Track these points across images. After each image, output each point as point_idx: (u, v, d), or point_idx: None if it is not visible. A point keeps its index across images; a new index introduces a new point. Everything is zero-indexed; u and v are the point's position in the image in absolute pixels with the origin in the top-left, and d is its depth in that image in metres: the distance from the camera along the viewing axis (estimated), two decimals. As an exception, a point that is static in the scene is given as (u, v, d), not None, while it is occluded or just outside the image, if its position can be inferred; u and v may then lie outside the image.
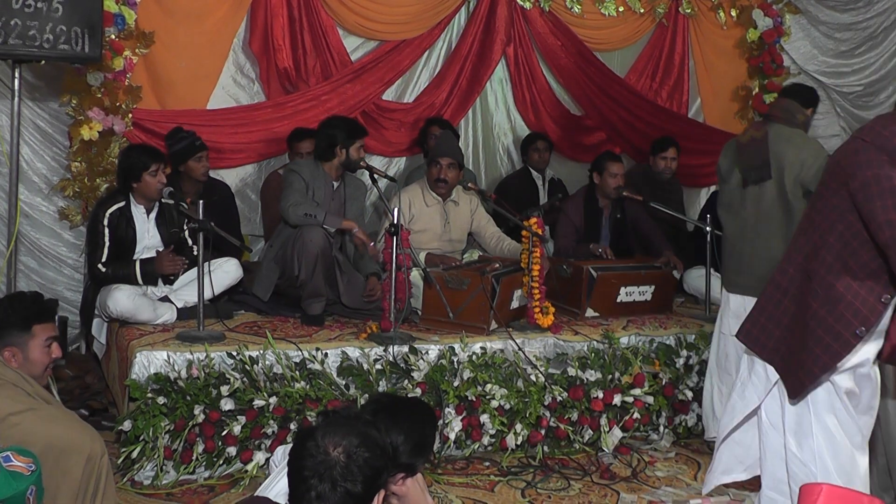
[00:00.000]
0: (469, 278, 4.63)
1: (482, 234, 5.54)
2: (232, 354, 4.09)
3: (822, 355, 2.66)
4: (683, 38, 7.31)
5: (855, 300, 2.64)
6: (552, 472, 4.28)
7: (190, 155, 5.25)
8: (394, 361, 4.30)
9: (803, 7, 7.50)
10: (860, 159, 2.59)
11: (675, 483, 4.24)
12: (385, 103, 6.51)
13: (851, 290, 2.64)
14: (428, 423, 2.70)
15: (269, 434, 4.02)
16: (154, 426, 3.84)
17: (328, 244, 4.75)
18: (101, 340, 4.86)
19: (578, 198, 5.91)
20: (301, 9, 6.07)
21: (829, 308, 2.66)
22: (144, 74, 5.62)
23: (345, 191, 5.06)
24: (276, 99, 6.10)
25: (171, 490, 3.87)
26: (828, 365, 2.67)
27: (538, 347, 4.62)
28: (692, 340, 4.89)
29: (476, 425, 4.34)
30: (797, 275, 2.78)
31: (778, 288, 2.84)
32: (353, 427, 2.09)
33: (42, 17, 4.40)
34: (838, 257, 2.66)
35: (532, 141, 6.63)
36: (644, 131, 7.10)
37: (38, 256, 5.49)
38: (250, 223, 6.18)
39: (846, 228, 2.64)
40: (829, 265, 2.67)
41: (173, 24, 5.70)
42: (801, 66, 7.61)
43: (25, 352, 3.11)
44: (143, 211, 4.77)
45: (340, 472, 2.01)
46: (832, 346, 2.65)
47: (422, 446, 2.60)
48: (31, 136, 5.40)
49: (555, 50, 6.89)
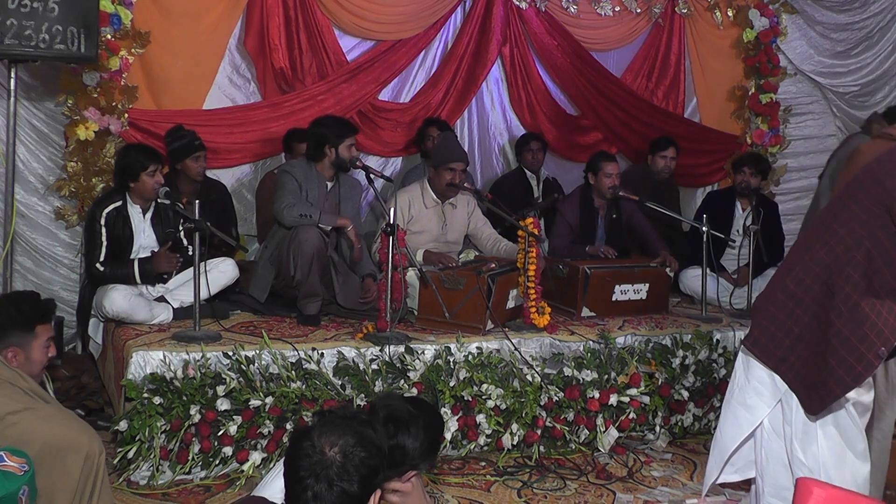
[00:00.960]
0: (465, 278, 4.63)
1: (479, 237, 5.54)
2: (228, 354, 4.09)
3: (846, 376, 2.61)
4: (680, 37, 7.32)
5: (878, 320, 2.59)
6: (548, 472, 4.28)
7: (188, 154, 5.25)
8: (390, 361, 4.30)
9: (800, 7, 7.52)
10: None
11: (671, 483, 4.25)
12: (381, 103, 6.52)
13: (875, 309, 2.59)
14: (438, 424, 2.71)
15: (266, 434, 4.02)
16: (150, 426, 3.84)
17: (324, 244, 4.75)
18: (97, 340, 4.85)
19: (574, 198, 5.91)
20: (297, 9, 6.07)
21: (852, 327, 2.60)
22: (140, 74, 5.62)
23: (340, 191, 5.05)
24: (272, 99, 6.11)
25: (167, 490, 3.87)
26: (850, 386, 2.63)
27: (534, 347, 4.63)
28: (688, 340, 4.89)
29: (472, 425, 4.34)
30: (815, 286, 2.71)
31: (792, 297, 2.77)
32: (349, 427, 2.09)
33: (38, 17, 4.40)
34: (864, 275, 2.60)
35: (526, 142, 6.64)
36: (640, 131, 7.11)
37: (35, 256, 5.49)
38: (246, 223, 6.17)
39: (874, 246, 2.58)
40: (854, 283, 2.61)
41: (169, 23, 5.70)
42: (798, 66, 7.62)
43: (28, 352, 3.12)
44: (140, 210, 4.76)
45: (336, 472, 2.01)
46: (856, 368, 2.60)
47: (434, 446, 2.62)
48: (27, 135, 5.40)
49: (551, 50, 6.90)
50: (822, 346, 2.67)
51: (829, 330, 2.65)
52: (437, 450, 2.69)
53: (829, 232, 2.72)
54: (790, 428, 2.84)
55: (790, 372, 2.79)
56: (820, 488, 2.11)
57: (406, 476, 2.48)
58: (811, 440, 2.78)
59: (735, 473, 3.13)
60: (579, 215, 5.81)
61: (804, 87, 7.74)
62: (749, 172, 6.04)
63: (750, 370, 2.96)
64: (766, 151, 7.43)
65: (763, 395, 2.92)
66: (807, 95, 7.76)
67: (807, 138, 7.74)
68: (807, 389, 2.74)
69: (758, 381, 2.92)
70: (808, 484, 2.09)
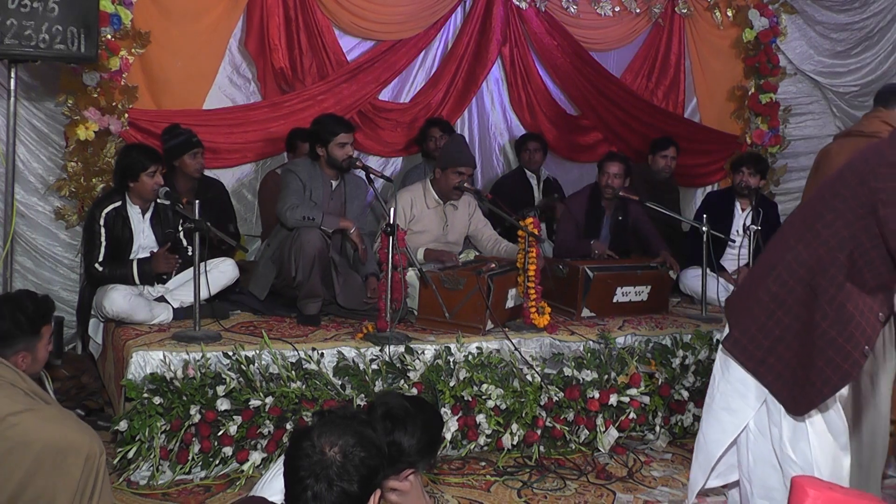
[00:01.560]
0: (465, 278, 4.63)
1: (479, 238, 5.53)
2: (228, 354, 4.09)
3: (833, 376, 2.62)
4: (679, 37, 7.33)
5: (862, 319, 2.61)
6: (548, 473, 4.28)
7: (185, 150, 5.24)
8: (390, 361, 4.30)
9: (799, 7, 7.52)
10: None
11: (671, 483, 4.25)
12: (381, 103, 6.52)
13: (859, 308, 2.61)
14: (437, 423, 2.72)
15: (266, 434, 4.02)
16: (150, 426, 3.84)
17: (325, 245, 4.74)
18: (97, 340, 4.85)
19: (583, 195, 5.92)
20: (297, 9, 6.07)
21: (839, 328, 2.61)
22: (140, 74, 5.62)
23: (345, 190, 5.04)
24: (273, 99, 6.11)
25: (167, 490, 3.87)
26: (838, 386, 2.64)
27: (534, 347, 4.63)
28: (688, 340, 4.89)
29: (472, 425, 4.34)
30: (798, 288, 2.71)
31: (774, 298, 2.76)
32: (349, 427, 2.09)
33: (38, 17, 4.40)
34: (847, 276, 2.61)
35: (524, 142, 6.64)
36: (640, 131, 7.11)
37: (35, 256, 5.49)
38: (246, 223, 6.18)
39: (856, 247, 2.59)
40: (839, 284, 2.62)
41: (169, 23, 5.70)
42: (798, 66, 7.62)
43: (34, 353, 3.13)
44: (139, 211, 4.76)
45: (336, 472, 2.01)
46: (842, 367, 2.61)
47: (432, 445, 2.62)
48: (27, 135, 5.40)
49: (551, 50, 6.90)
50: (808, 348, 2.67)
51: (814, 332, 2.65)
52: (436, 449, 2.69)
53: (811, 232, 2.71)
54: (777, 429, 2.83)
55: (769, 374, 2.79)
56: (816, 489, 2.10)
57: (403, 474, 2.48)
58: (800, 438, 2.78)
59: (717, 479, 3.11)
60: (585, 213, 5.82)
61: (804, 87, 7.74)
62: (748, 172, 6.03)
63: (730, 372, 2.94)
64: (766, 151, 7.43)
65: (747, 398, 2.90)
66: (807, 95, 7.76)
67: (807, 138, 7.74)
68: (790, 390, 2.74)
69: (740, 382, 2.91)
70: (804, 485, 2.08)
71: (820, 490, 2.06)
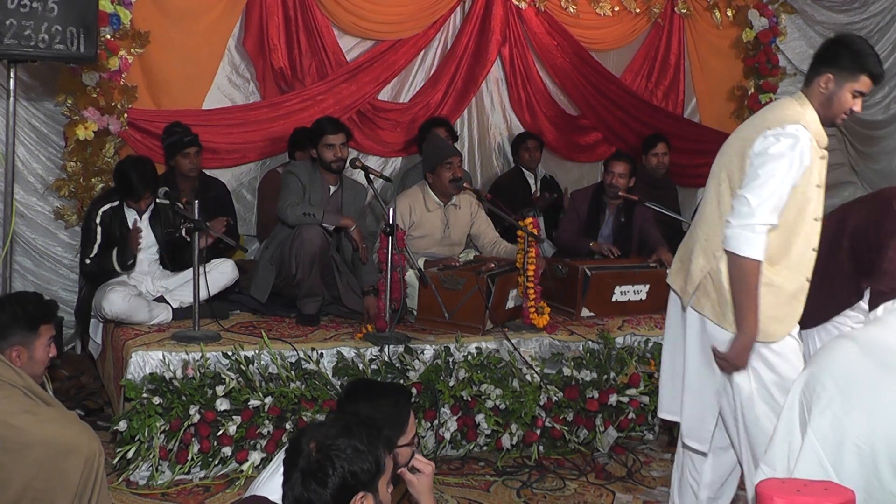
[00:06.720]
0: (464, 278, 4.63)
1: (480, 238, 5.50)
2: (227, 354, 4.09)
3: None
4: (679, 37, 7.32)
5: None
6: (548, 473, 4.28)
7: (177, 151, 5.24)
8: (389, 361, 4.31)
9: (799, 7, 7.51)
10: None
11: (670, 483, 4.24)
12: (381, 103, 6.52)
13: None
14: (402, 398, 2.76)
15: (265, 434, 4.02)
16: (149, 426, 3.84)
17: (326, 244, 4.74)
18: (96, 340, 4.85)
19: (588, 191, 5.90)
20: (296, 9, 6.06)
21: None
22: (140, 74, 5.62)
23: (342, 195, 5.02)
24: (272, 99, 6.10)
25: (166, 490, 3.88)
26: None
27: (533, 347, 4.62)
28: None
29: (471, 425, 4.34)
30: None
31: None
32: (337, 426, 2.14)
33: (37, 17, 4.39)
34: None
35: (522, 140, 6.63)
36: (640, 131, 7.09)
37: (34, 256, 5.49)
38: (246, 223, 6.17)
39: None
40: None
41: (168, 23, 5.70)
42: (797, 67, 7.60)
43: (31, 351, 3.12)
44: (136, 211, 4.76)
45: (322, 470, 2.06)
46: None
47: (397, 419, 2.64)
48: (26, 136, 5.40)
49: (550, 50, 6.90)
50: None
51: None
52: (402, 424, 2.66)
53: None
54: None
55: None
56: (782, 497, 2.04)
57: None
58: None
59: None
60: (588, 208, 5.80)
61: (804, 87, 7.73)
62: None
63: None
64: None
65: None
66: (806, 95, 7.74)
67: (806, 138, 7.72)
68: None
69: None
70: (771, 494, 2.03)
71: (786, 496, 2.02)
